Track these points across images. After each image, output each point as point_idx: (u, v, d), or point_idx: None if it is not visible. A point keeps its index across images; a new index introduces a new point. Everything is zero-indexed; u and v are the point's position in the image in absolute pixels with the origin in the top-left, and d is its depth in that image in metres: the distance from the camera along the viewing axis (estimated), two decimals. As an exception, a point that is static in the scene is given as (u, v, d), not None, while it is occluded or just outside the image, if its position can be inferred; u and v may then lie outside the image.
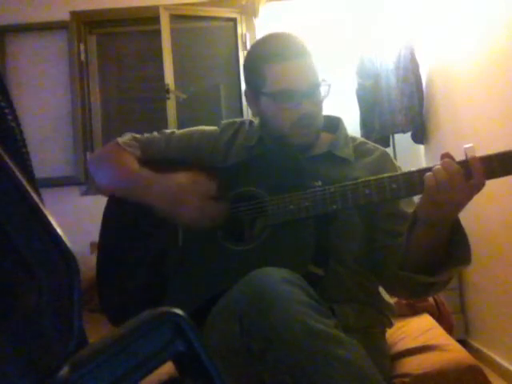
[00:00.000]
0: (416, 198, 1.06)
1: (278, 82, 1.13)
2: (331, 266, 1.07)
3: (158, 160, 1.26)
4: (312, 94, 1.14)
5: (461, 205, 0.94)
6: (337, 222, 1.09)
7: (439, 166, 0.92)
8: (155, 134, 1.31)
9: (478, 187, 0.92)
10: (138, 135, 1.30)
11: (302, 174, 1.07)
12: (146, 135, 1.30)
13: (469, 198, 0.93)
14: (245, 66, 1.24)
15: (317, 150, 1.20)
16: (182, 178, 1.11)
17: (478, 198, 0.95)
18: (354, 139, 1.25)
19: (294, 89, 1.12)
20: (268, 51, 1.15)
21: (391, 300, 1.23)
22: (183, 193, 1.08)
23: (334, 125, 1.26)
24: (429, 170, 0.95)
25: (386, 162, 1.20)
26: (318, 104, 1.17)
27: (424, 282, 1.02)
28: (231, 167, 1.20)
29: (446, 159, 0.93)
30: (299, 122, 1.13)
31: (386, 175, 0.99)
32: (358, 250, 1.12)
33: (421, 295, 1.16)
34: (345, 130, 1.26)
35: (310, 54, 1.14)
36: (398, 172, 1.03)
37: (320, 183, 1.03)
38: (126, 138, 1.28)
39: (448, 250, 1.01)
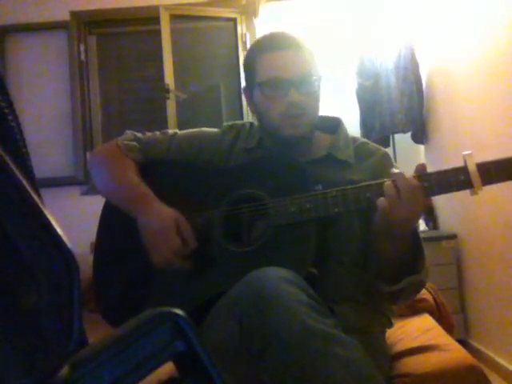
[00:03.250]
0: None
1: (266, 71, 1.15)
2: (331, 267, 1.07)
3: (159, 161, 1.25)
4: (300, 84, 1.13)
5: (409, 220, 0.97)
6: (337, 224, 1.09)
7: (389, 182, 0.96)
8: (157, 133, 1.30)
9: (406, 201, 0.95)
10: (139, 134, 1.29)
11: (302, 177, 1.07)
12: (147, 134, 1.30)
13: (414, 213, 0.96)
14: (243, 64, 1.26)
15: (316, 153, 1.20)
16: (166, 218, 1.08)
17: (478, 199, 0.96)
18: (354, 140, 1.25)
19: (280, 77, 1.13)
20: (260, 44, 1.19)
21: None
22: (160, 237, 1.06)
23: (333, 126, 1.26)
24: (425, 175, 0.96)
25: (387, 164, 1.20)
26: (309, 96, 1.15)
27: (386, 291, 1.06)
28: (232, 169, 1.20)
29: (398, 173, 0.96)
30: (287, 112, 1.13)
31: (386, 179, 1.00)
32: (356, 251, 1.12)
33: (391, 302, 1.18)
34: (345, 130, 1.26)
35: (302, 47, 1.16)
36: None
37: (320, 187, 1.04)
38: (126, 137, 1.28)
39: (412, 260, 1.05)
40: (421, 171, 0.97)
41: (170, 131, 1.32)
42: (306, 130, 1.17)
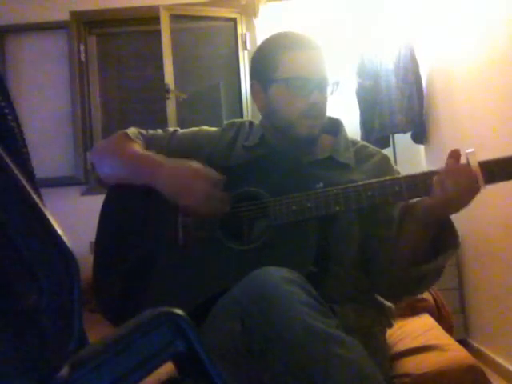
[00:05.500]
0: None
1: (292, 68, 1.14)
2: (330, 268, 1.07)
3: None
4: (323, 86, 1.16)
5: (463, 205, 0.96)
6: (338, 225, 1.09)
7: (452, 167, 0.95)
8: (159, 131, 1.31)
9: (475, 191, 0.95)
10: (142, 130, 1.30)
11: (303, 176, 1.07)
12: (150, 132, 1.30)
13: (469, 200, 0.96)
14: (255, 57, 1.24)
15: (319, 154, 1.20)
16: (193, 163, 1.11)
17: (478, 199, 0.95)
18: (354, 142, 1.25)
19: (307, 77, 1.13)
20: (283, 41, 1.18)
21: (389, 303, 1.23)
22: (194, 176, 1.07)
23: (334, 127, 1.26)
24: (431, 173, 0.96)
25: (386, 166, 1.20)
26: (326, 99, 1.18)
27: (415, 275, 1.04)
28: (233, 168, 1.19)
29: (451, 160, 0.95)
30: (308, 112, 1.14)
31: (388, 178, 1.00)
32: (355, 254, 1.12)
33: (413, 291, 1.17)
34: (345, 133, 1.26)
35: (322, 50, 1.18)
36: (401, 175, 1.04)
37: (321, 185, 1.03)
38: (131, 131, 1.28)
39: (436, 237, 1.03)
40: (455, 157, 0.96)
41: (171, 129, 1.32)
42: (318, 131, 1.18)
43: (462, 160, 0.96)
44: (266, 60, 1.19)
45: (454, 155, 0.96)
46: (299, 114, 1.14)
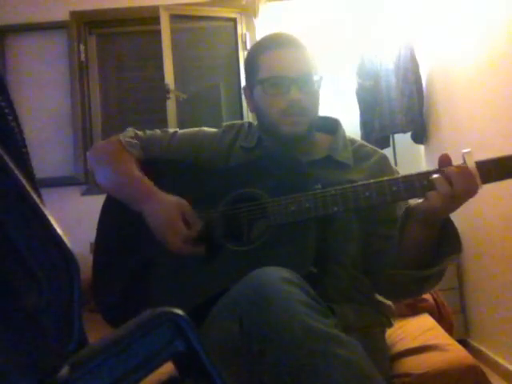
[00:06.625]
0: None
1: (268, 68, 1.16)
2: (330, 268, 1.07)
3: (159, 160, 1.26)
4: (302, 82, 1.15)
5: (461, 204, 0.97)
6: (336, 225, 1.09)
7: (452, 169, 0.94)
8: (158, 131, 1.31)
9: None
10: (139, 132, 1.30)
11: (302, 176, 1.08)
12: (148, 132, 1.30)
13: (467, 199, 0.97)
14: (244, 62, 1.29)
15: (316, 154, 1.20)
16: (170, 206, 1.10)
17: (477, 199, 0.96)
18: (352, 141, 1.25)
19: (282, 75, 1.14)
20: (262, 43, 1.21)
21: (389, 301, 1.23)
22: (166, 226, 1.08)
23: (332, 127, 1.26)
24: (429, 173, 0.96)
25: (385, 165, 1.20)
26: (310, 94, 1.17)
27: (418, 278, 1.04)
28: (232, 168, 1.20)
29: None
30: (288, 110, 1.14)
31: (386, 178, 1.00)
32: (355, 253, 1.12)
33: (415, 293, 1.18)
34: (343, 132, 1.26)
35: (303, 46, 1.18)
36: (399, 175, 1.04)
37: (320, 186, 1.04)
38: (128, 134, 1.28)
39: (439, 242, 1.03)
40: (446, 161, 0.96)
41: (171, 130, 1.33)
42: (304, 128, 1.17)
43: (460, 160, 0.96)
44: (249, 64, 1.23)
45: (443, 159, 0.96)
46: (280, 112, 1.15)
